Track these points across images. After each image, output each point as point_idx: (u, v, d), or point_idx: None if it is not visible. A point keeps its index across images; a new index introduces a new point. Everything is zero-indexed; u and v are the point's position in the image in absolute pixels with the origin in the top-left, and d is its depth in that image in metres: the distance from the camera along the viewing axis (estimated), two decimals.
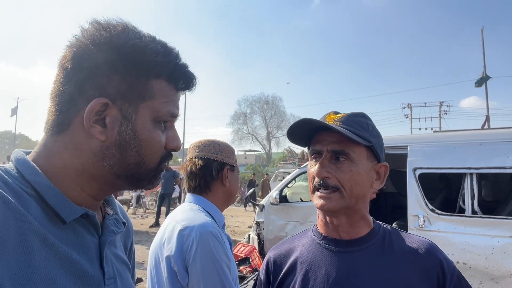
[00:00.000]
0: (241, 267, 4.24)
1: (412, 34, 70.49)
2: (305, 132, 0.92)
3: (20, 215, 0.51)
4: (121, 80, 0.60)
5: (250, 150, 33.22)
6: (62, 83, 0.60)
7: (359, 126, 0.89)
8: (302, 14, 74.25)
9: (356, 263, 0.87)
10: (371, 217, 0.96)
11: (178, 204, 15.93)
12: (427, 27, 70.75)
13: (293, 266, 0.94)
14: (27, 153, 0.63)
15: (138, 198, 13.03)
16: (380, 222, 0.96)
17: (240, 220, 11.77)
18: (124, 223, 0.73)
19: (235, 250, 4.69)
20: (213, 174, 1.36)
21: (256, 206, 5.24)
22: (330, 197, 0.86)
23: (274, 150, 44.35)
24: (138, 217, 12.64)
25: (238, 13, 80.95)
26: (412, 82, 68.09)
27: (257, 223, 5.10)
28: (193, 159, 1.38)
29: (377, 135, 0.92)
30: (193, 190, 1.37)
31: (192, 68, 0.69)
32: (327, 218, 0.92)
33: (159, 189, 11.06)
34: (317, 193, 0.89)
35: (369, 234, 0.91)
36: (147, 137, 0.63)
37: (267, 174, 18.46)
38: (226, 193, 1.39)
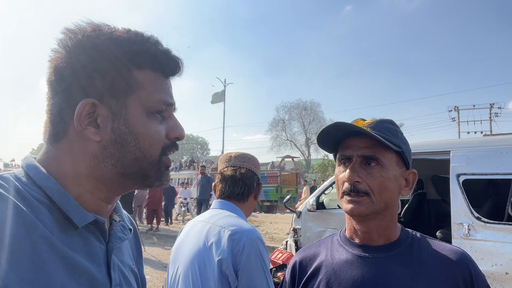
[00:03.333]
0: (279, 274, 4.26)
1: (457, 33, 67.17)
2: (334, 137, 0.92)
3: (31, 223, 0.51)
4: (103, 78, 0.60)
5: (288, 156, 33.08)
6: (51, 96, 0.61)
7: (389, 132, 0.89)
8: (334, 20, 73.25)
9: (382, 269, 0.86)
10: (399, 224, 0.95)
11: None
12: (473, 25, 67.11)
13: (318, 269, 0.94)
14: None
15: (184, 204, 13.34)
16: (409, 230, 0.95)
17: (278, 227, 11.74)
18: (130, 230, 0.73)
19: (273, 257, 4.71)
20: (254, 186, 1.45)
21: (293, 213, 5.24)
22: (359, 201, 0.86)
23: (313, 156, 43.86)
24: (179, 222, 12.99)
25: (271, 23, 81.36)
26: (458, 83, 64.74)
27: (295, 230, 5.09)
28: (240, 168, 1.44)
29: (406, 142, 0.93)
30: (235, 196, 1.43)
31: (176, 52, 0.67)
32: (356, 225, 0.92)
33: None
34: (347, 197, 0.88)
35: (397, 241, 0.90)
36: (142, 129, 0.62)
37: (305, 180, 18.31)
38: (253, 206, 1.48)
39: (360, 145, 0.88)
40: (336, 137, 0.93)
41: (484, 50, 66.06)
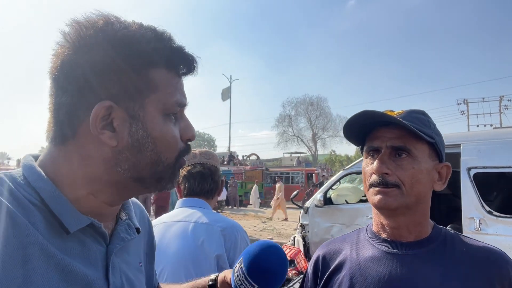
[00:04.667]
0: None
1: (463, 26, 66.14)
2: (361, 128, 0.87)
3: (22, 226, 0.49)
4: (119, 78, 0.55)
5: (295, 152, 33.05)
6: (58, 95, 0.56)
7: (421, 122, 0.84)
8: (338, 15, 72.56)
9: (411, 266, 0.81)
10: (432, 221, 0.89)
11: (225, 206, 16.18)
12: (479, 17, 65.99)
13: (342, 264, 0.90)
14: (37, 158, 0.60)
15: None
16: (442, 227, 0.90)
17: (286, 223, 11.73)
18: (138, 229, 0.69)
19: None
20: (220, 182, 1.48)
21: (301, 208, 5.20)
22: (388, 192, 0.80)
23: (320, 151, 43.72)
24: None
25: (274, 20, 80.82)
26: (467, 76, 63.87)
27: (302, 226, 5.06)
28: (207, 164, 1.45)
29: (439, 134, 0.87)
30: (204, 193, 1.43)
31: (189, 50, 0.63)
32: (384, 220, 0.86)
33: None
34: (374, 189, 0.83)
35: (428, 237, 0.85)
36: (160, 133, 0.59)
37: (279, 177, 18.50)
38: (215, 202, 1.51)
39: (389, 135, 0.83)
40: (363, 128, 0.87)
41: (493, 42, 65.05)
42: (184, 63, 0.62)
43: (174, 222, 1.36)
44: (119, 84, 0.56)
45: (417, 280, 0.79)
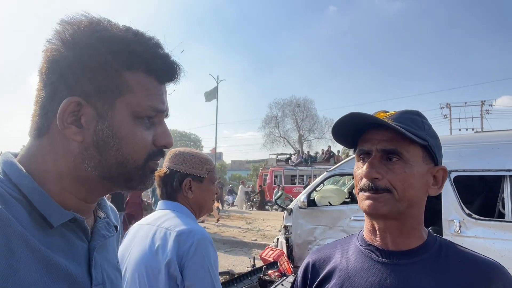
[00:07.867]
0: (269, 271, 4.20)
1: (445, 32, 67.11)
2: (351, 130, 0.84)
3: (5, 220, 0.49)
4: (92, 76, 0.57)
5: (282, 154, 33.09)
6: (40, 88, 0.59)
7: (414, 124, 0.80)
8: (318, 20, 72.71)
9: (402, 277, 0.78)
10: (426, 229, 0.86)
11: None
12: (462, 23, 67.33)
13: (331, 273, 0.87)
14: (16, 156, 0.61)
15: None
16: (437, 235, 0.86)
17: (271, 224, 11.73)
18: (116, 227, 0.71)
19: (264, 254, 4.67)
20: (174, 184, 1.37)
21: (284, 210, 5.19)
22: (378, 197, 0.77)
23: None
24: None
25: (258, 23, 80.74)
26: (450, 81, 65.13)
27: (286, 227, 5.06)
28: (162, 168, 1.41)
29: (434, 135, 0.83)
30: (163, 197, 1.40)
31: (175, 58, 0.64)
32: (375, 225, 0.83)
33: None
34: (364, 194, 0.80)
35: (421, 246, 0.81)
36: (127, 134, 0.59)
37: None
38: (193, 204, 1.39)
39: (379, 138, 0.79)
40: (353, 130, 0.84)
41: (475, 48, 66.53)
42: (164, 70, 0.63)
43: (144, 225, 1.32)
44: (91, 82, 0.57)
45: None
